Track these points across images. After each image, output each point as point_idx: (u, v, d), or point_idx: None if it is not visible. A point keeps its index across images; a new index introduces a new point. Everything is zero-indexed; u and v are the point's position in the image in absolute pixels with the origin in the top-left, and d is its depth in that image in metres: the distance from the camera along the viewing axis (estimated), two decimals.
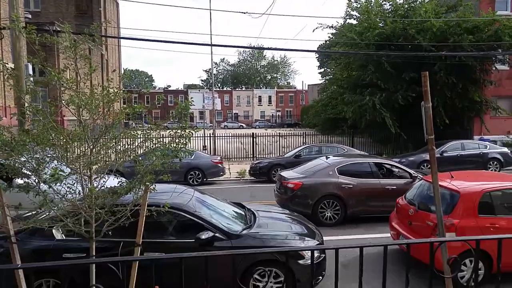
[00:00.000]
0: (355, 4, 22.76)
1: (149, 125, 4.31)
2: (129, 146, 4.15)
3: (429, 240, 2.64)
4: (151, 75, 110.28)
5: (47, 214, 4.18)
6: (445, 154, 15.39)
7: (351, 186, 8.88)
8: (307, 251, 5.00)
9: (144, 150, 4.20)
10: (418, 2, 21.55)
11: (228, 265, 4.64)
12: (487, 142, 17.00)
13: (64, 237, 4.87)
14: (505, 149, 16.61)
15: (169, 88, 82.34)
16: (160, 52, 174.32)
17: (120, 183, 3.99)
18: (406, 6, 21.11)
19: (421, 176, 9.01)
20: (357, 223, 8.87)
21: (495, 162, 15.75)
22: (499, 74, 21.36)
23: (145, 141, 4.18)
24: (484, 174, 7.59)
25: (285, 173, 10.01)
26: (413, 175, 9.25)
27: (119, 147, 4.10)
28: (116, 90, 3.85)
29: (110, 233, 4.01)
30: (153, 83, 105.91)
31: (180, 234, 5.18)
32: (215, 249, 4.76)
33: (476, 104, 20.47)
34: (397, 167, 9.85)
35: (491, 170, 15.27)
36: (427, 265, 4.86)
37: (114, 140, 3.96)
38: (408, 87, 19.39)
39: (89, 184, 3.74)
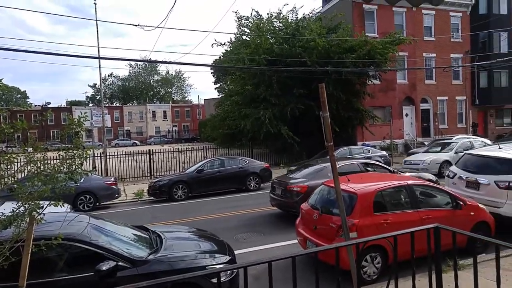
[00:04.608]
0: (244, 21, 23.74)
1: (21, 147, 3.67)
2: (4, 172, 3.47)
3: (355, 242, 2.73)
4: (25, 91, 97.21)
5: None
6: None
7: None
8: (220, 268, 4.81)
9: (27, 174, 3.55)
10: (304, 22, 23.42)
11: None
12: (369, 147, 19.20)
13: None
14: (384, 152, 19.01)
15: (49, 106, 73.80)
16: (36, 65, 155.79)
17: None
18: (293, 25, 22.78)
19: (397, 170, 10.75)
20: None
21: None
22: (373, 87, 24.50)
23: (27, 165, 3.55)
24: (374, 176, 8.43)
25: (286, 179, 10.66)
26: (392, 170, 10.79)
27: None
28: None
29: None
30: (27, 100, 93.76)
31: (75, 269, 4.51)
32: (119, 280, 4.28)
33: (357, 114, 23.03)
34: (378, 165, 11.10)
35: None
36: (334, 266, 5.11)
37: None
38: (299, 101, 20.86)
39: None
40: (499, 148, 8.82)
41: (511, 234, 7.08)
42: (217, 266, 4.87)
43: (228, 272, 4.93)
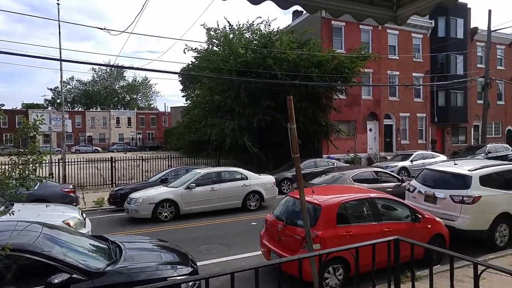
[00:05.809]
0: (213, 33, 23.80)
1: None
2: None
3: (318, 253, 2.74)
4: None
5: None
6: (302, 172, 16.96)
7: None
8: (181, 279, 4.69)
9: None
10: (277, 36, 23.74)
11: None
12: (334, 160, 19.59)
13: None
14: (347, 165, 19.43)
15: (2, 108, 69.69)
16: None
17: None
18: (266, 36, 23.06)
19: (404, 179, 11.60)
20: None
21: None
22: (339, 102, 25.13)
23: None
24: (337, 188, 8.58)
25: (306, 185, 10.81)
26: (400, 178, 11.92)
27: None
28: None
29: None
30: None
31: (25, 282, 4.22)
32: None
33: (323, 127, 23.47)
34: (388, 173, 12.28)
35: None
36: (296, 277, 5.13)
37: None
38: (266, 112, 21.03)
39: None
40: (455, 164, 9.27)
41: (464, 246, 7.42)
42: (179, 278, 4.74)
43: (190, 283, 4.82)
